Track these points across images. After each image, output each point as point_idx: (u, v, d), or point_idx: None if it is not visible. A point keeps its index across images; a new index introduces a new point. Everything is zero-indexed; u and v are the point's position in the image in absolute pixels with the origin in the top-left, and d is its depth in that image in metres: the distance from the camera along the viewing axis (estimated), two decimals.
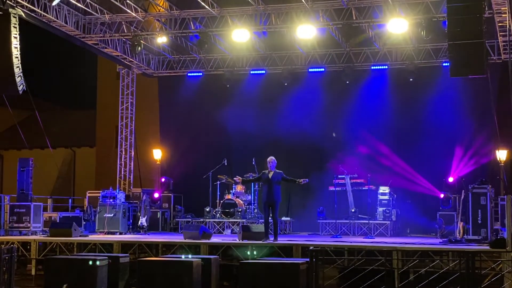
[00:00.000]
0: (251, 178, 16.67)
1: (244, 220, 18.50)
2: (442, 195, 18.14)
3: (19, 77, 14.84)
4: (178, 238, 15.91)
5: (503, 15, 15.65)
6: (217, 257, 13.39)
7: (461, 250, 12.70)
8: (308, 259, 11.55)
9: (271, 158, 14.91)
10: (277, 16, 17.99)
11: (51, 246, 15.53)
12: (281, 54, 21.21)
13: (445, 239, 15.06)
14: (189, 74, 22.35)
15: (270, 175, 14.77)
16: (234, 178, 16.28)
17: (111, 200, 18.12)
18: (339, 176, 19.08)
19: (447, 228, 16.90)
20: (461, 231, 15.08)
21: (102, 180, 25.29)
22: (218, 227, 18.99)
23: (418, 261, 12.82)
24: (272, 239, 14.68)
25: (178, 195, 21.14)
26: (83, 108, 31.39)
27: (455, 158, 19.02)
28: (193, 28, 18.90)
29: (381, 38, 19.44)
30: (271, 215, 14.83)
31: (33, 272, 15.30)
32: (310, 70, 21.16)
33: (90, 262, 12.24)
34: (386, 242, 14.81)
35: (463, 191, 15.52)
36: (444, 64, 19.44)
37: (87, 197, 20.30)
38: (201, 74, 22.23)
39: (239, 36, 18.26)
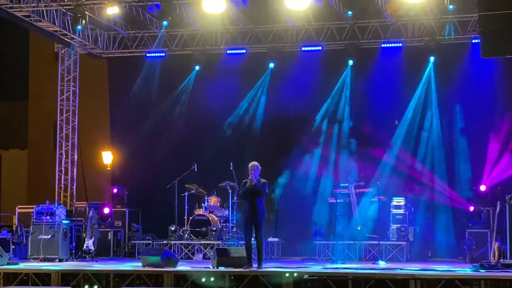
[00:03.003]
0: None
1: (220, 242, 18.48)
2: (471, 208, 18.23)
3: None
4: (135, 266, 15.86)
5: None
6: None
7: (496, 278, 12.78)
8: None
9: (253, 165, 14.83)
10: None
11: None
12: (266, 29, 21.18)
13: (476, 264, 15.13)
14: (148, 55, 22.24)
15: (252, 186, 14.72)
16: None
17: (48, 217, 18.02)
18: (341, 185, 19.10)
19: (478, 250, 16.97)
20: (496, 253, 15.16)
21: (36, 191, 25.13)
22: (186, 251, 18.96)
23: None
24: (256, 265, 14.67)
25: (134, 210, 21.05)
26: (11, 99, 31.10)
27: (489, 161, 19.10)
28: None
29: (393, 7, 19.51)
30: (254, 235, 14.83)
31: None
32: (303, 48, 21.15)
33: None
34: (401, 269, 14.86)
35: (498, 202, 15.60)
36: (473, 41, 19.54)
37: (16, 213, 20.14)
38: (163, 54, 22.13)
39: (212, 5, 18.21)
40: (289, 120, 20.35)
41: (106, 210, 20.38)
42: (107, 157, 22.41)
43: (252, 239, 15.02)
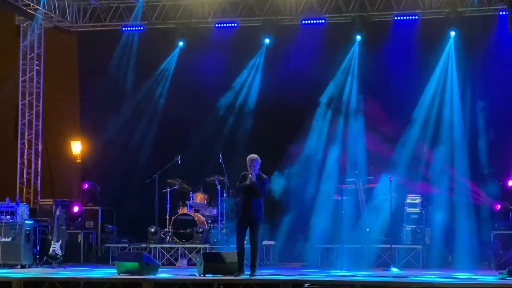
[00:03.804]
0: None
1: (207, 246, 18.56)
2: (498, 206, 18.27)
3: None
4: (108, 273, 15.87)
5: None
6: None
7: None
8: None
9: (252, 159, 14.69)
10: None
11: None
12: None
13: (503, 271, 15.13)
14: (124, 29, 22.21)
15: (250, 184, 14.66)
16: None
17: (8, 217, 18.03)
18: (348, 179, 19.12)
19: (506, 254, 17.00)
20: None
21: None
22: (168, 255, 19.00)
23: None
24: (249, 273, 14.67)
25: (108, 209, 21.07)
26: None
27: None
28: None
29: None
30: (247, 238, 14.80)
31: None
32: (304, 22, 21.15)
33: None
34: (416, 276, 14.87)
35: None
36: (500, 13, 19.53)
37: None
38: (141, 28, 22.11)
39: None
40: (287, 103, 20.33)
41: (76, 209, 20.42)
42: (77, 148, 22.38)
43: (245, 242, 15.00)
